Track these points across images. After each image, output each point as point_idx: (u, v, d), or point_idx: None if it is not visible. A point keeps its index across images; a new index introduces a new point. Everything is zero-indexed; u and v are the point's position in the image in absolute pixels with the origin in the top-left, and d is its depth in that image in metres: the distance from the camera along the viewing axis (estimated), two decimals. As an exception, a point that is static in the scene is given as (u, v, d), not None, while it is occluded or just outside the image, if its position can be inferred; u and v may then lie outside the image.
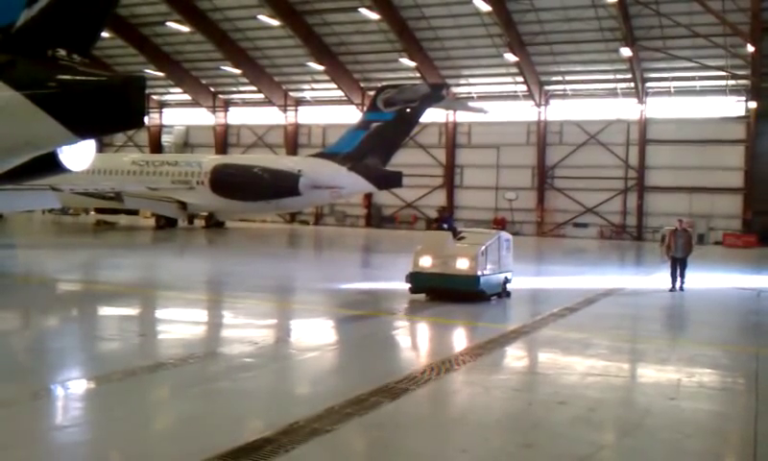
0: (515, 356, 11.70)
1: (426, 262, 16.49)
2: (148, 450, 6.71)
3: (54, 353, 11.03)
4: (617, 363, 11.46)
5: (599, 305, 17.92)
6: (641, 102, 54.84)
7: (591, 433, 7.66)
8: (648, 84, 54.85)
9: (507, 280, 17.75)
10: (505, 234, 18.46)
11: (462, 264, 16.16)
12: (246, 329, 13.23)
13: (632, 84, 54.34)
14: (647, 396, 9.34)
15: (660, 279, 26.01)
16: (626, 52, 48.81)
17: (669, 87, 54.65)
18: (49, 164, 17.19)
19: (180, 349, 11.17)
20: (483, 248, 16.37)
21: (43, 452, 6.57)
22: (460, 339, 13.50)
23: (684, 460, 7.00)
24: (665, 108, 55.01)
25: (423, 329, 13.63)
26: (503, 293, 17.47)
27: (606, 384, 9.81)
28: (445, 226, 18.62)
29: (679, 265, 20.61)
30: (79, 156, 17.77)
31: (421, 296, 16.72)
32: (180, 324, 14.07)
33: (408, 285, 16.66)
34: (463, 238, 17.44)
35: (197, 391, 8.76)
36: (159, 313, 15.89)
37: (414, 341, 12.86)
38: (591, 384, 9.70)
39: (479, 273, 16.06)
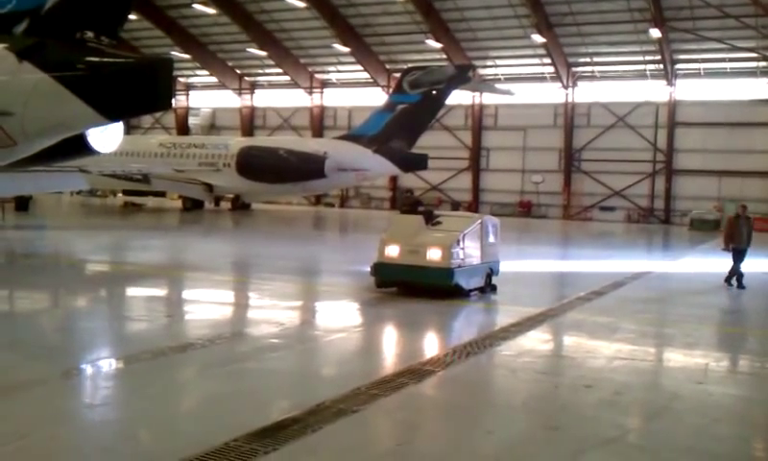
0: (540, 340, 11.66)
1: (393, 251, 14.57)
2: (177, 429, 6.79)
3: (83, 333, 11.18)
4: (644, 347, 11.38)
5: (626, 289, 17.81)
6: (670, 84, 54.15)
7: (618, 417, 7.63)
8: (677, 66, 54.14)
9: (492, 272, 15.67)
10: (491, 219, 16.29)
11: (434, 254, 14.17)
12: (272, 311, 13.31)
13: (661, 66, 53.66)
14: (674, 380, 9.29)
15: (688, 262, 25.80)
16: (655, 33, 48.16)
17: (699, 69, 53.90)
18: (77, 146, 17.33)
19: (208, 329, 11.26)
20: (460, 235, 14.48)
21: (75, 431, 6.67)
22: (485, 322, 13.48)
23: (712, 444, 6.95)
24: (695, 90, 54.27)
25: (448, 312, 13.60)
26: (487, 287, 15.38)
27: (633, 368, 9.76)
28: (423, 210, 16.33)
29: (740, 257, 18.16)
30: (107, 138, 17.91)
31: None
32: (207, 305, 14.18)
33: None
34: (438, 223, 15.27)
35: (225, 371, 8.84)
36: (187, 294, 16.03)
37: (439, 323, 12.86)
38: (618, 368, 9.65)
39: (453, 265, 14.17)
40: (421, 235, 14.74)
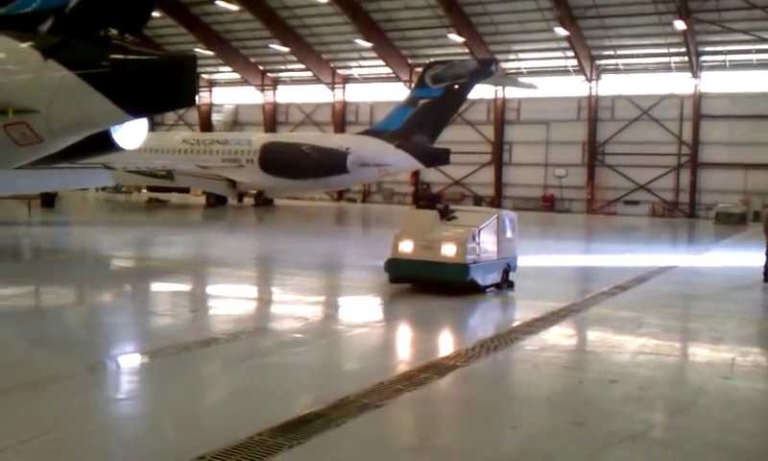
0: (564, 334, 11.59)
1: (407, 247, 14.33)
2: (202, 423, 6.83)
3: (109, 328, 11.27)
4: (669, 342, 11.27)
5: (651, 284, 17.66)
6: (695, 76, 53.67)
7: (643, 411, 7.57)
8: (702, 58, 53.62)
9: (509, 268, 15.37)
10: (508, 214, 16.05)
11: (448, 250, 13.88)
12: (295, 306, 13.34)
13: (685, 58, 53.18)
14: (700, 374, 9.20)
15: (713, 257, 25.55)
16: (680, 25, 47.73)
17: (724, 61, 53.34)
18: (102, 143, 17.51)
19: (232, 324, 11.32)
20: (475, 230, 14.18)
21: (101, 425, 6.73)
22: (508, 317, 13.43)
23: (739, 440, 6.88)
24: (720, 82, 53.76)
25: (470, 307, 13.57)
26: (503, 283, 15.06)
27: (658, 363, 9.68)
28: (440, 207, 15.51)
29: None
30: (131, 134, 18.06)
31: None
32: (230, 300, 14.24)
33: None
34: (454, 218, 14.95)
35: (249, 365, 8.88)
36: (211, 289, 16.12)
37: (461, 318, 12.83)
38: (643, 363, 9.57)
39: (468, 260, 13.87)
40: (436, 231, 14.44)
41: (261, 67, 68.23)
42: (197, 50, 60.27)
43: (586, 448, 6.42)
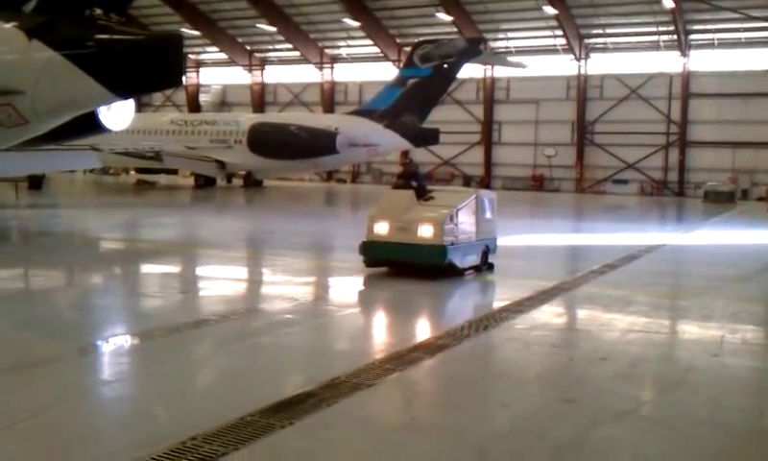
0: (554, 313, 11.62)
1: (383, 229, 13.87)
2: (193, 404, 6.81)
3: (98, 310, 11.23)
4: (659, 320, 11.34)
5: (640, 262, 17.71)
6: (684, 55, 53.67)
7: (633, 389, 7.61)
8: (691, 37, 53.60)
9: (488, 250, 14.91)
10: (487, 194, 15.57)
11: (425, 231, 13.38)
12: (285, 287, 13.33)
13: (674, 37, 53.15)
14: (689, 352, 9.25)
15: (703, 235, 25.66)
16: (668, 3, 47.67)
17: (713, 39, 53.35)
18: (89, 124, 17.37)
19: (222, 305, 11.29)
20: (453, 211, 13.71)
21: (92, 407, 6.71)
22: (498, 296, 13.45)
23: (727, 416, 6.92)
24: (709, 60, 53.80)
25: (461, 287, 13.57)
26: (483, 265, 14.63)
27: (647, 340, 9.72)
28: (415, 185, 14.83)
29: None
30: (118, 115, 17.94)
31: None
32: (220, 281, 14.21)
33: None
34: (431, 199, 14.42)
35: (239, 347, 8.87)
36: (200, 271, 16.07)
37: (452, 297, 12.84)
38: (633, 340, 9.61)
39: (446, 242, 13.40)
40: (412, 211, 13.92)
41: (248, 47, 67.82)
42: (183, 30, 59.78)
43: (576, 425, 6.44)
